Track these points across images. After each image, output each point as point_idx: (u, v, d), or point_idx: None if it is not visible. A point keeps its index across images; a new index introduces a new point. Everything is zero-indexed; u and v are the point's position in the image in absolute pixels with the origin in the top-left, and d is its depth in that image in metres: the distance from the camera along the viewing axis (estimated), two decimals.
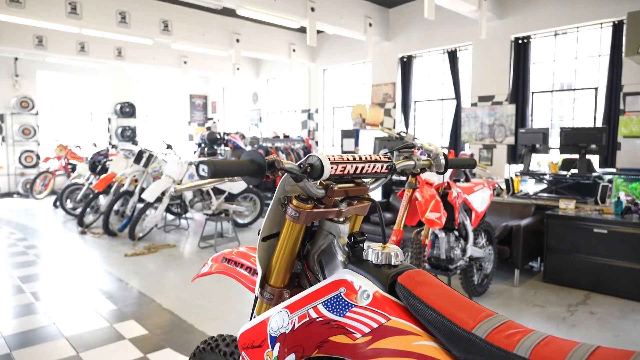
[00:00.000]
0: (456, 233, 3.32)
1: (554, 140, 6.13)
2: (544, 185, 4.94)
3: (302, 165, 0.92)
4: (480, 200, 3.44)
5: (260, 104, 11.35)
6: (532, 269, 4.56)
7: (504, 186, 4.99)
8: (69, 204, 7.31)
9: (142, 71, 11.33)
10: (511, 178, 4.83)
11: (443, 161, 1.17)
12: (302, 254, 1.10)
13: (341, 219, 1.05)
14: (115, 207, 6.08)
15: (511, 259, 3.98)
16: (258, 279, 1.11)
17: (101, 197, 6.50)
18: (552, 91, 6.54)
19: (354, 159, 0.98)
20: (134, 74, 11.40)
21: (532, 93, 6.59)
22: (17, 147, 9.86)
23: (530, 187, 5.33)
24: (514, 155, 6.65)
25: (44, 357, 2.60)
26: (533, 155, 5.01)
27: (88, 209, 6.31)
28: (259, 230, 1.07)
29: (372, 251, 0.92)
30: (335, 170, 0.94)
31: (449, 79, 7.43)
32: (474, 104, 7.05)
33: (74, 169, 8.86)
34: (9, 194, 9.81)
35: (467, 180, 5.04)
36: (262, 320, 1.01)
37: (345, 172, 0.97)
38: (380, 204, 5.55)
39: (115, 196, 5.85)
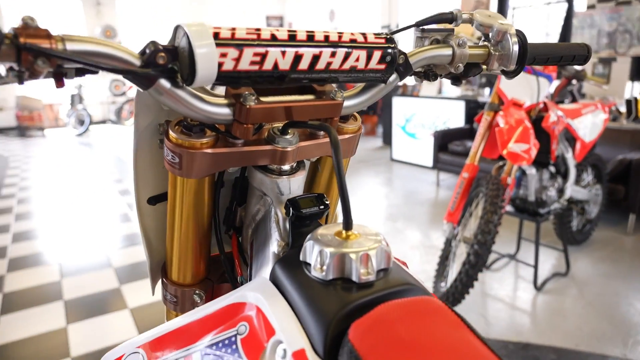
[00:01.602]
0: (552, 169, 2.60)
1: None
2: None
3: (148, 51, 0.41)
4: (589, 126, 2.64)
5: (337, 22, 10.55)
6: None
7: (623, 109, 3.97)
8: None
9: None
10: (634, 99, 3.82)
11: (516, 48, 0.58)
12: (232, 225, 0.64)
13: (285, 167, 0.55)
14: None
15: (626, 200, 3.17)
16: (148, 266, 0.68)
17: None
18: None
19: (295, 37, 0.45)
20: None
21: None
22: (106, 76, 10.25)
23: None
24: None
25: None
26: None
27: None
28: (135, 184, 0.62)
29: (315, 246, 0.42)
30: (238, 62, 0.42)
31: None
32: (590, 7, 5.68)
33: None
34: (103, 122, 10.41)
35: (573, 101, 4.07)
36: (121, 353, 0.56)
37: (271, 67, 0.44)
38: (461, 131, 4.80)
39: None
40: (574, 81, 2.97)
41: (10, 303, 2.41)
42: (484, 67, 0.58)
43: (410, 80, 4.42)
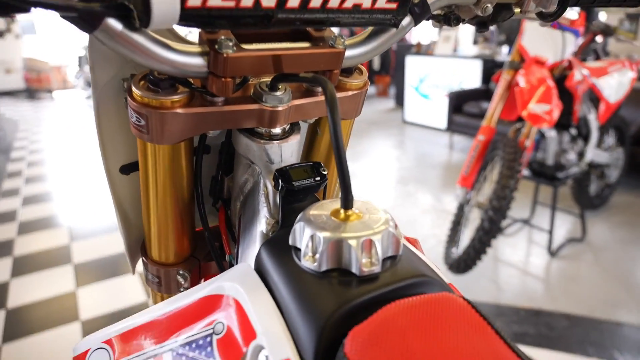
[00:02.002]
0: (573, 131, 2.47)
1: None
2: None
3: None
4: (615, 86, 2.48)
5: None
6: None
7: None
8: None
9: None
10: None
11: None
12: (220, 197, 0.57)
13: (276, 130, 0.47)
14: None
15: None
16: (125, 244, 0.62)
17: None
18: None
19: None
20: None
21: None
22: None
23: None
24: None
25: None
26: None
27: None
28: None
29: (306, 229, 0.35)
30: None
31: None
32: None
33: None
34: None
35: (597, 59, 3.86)
36: (91, 345, 0.49)
37: (251, 4, 0.34)
38: (477, 92, 4.62)
39: None
40: (598, 38, 2.78)
41: (20, 266, 2.42)
42: (517, 9, 0.48)
43: (425, 27, 4.20)
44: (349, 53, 0.45)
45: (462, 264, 2.11)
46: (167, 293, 0.60)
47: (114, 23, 0.33)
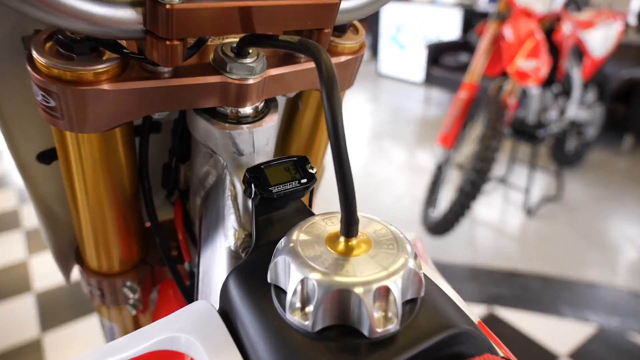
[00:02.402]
0: (556, 88, 2.37)
1: None
2: None
3: None
4: (602, 40, 2.37)
5: None
6: None
7: (633, 21, 3.66)
8: None
9: None
10: None
11: None
12: (175, 187, 0.47)
13: (245, 110, 0.35)
14: None
15: (625, 121, 3.02)
16: (51, 248, 0.51)
17: None
18: None
19: None
20: None
21: None
22: None
23: None
24: None
25: None
26: None
27: None
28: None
29: (292, 266, 0.24)
30: None
31: None
32: None
33: None
34: None
35: (578, 10, 3.73)
36: None
37: None
38: (455, 44, 4.45)
39: None
40: None
41: None
42: None
43: None
44: (344, 5, 0.33)
45: (441, 227, 2.07)
46: (114, 305, 0.50)
47: None
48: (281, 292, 0.26)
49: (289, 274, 0.24)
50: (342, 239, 0.26)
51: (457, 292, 0.31)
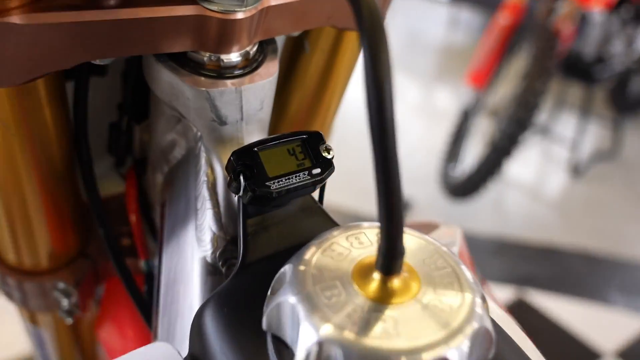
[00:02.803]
0: (624, 13, 2.04)
1: None
2: None
3: None
4: None
5: None
6: None
7: None
8: None
9: None
10: None
11: None
12: (125, 153, 0.39)
13: (231, 57, 0.26)
14: None
15: None
16: None
17: None
18: None
19: None
20: None
21: None
22: None
23: None
24: None
25: None
26: None
27: None
28: None
29: (304, 323, 0.16)
30: None
31: None
32: None
33: None
34: None
35: None
36: None
37: None
38: None
39: None
40: None
41: None
42: None
43: None
44: None
45: (464, 188, 1.89)
46: (42, 310, 0.44)
47: None
48: (283, 346, 0.19)
49: (297, 328, 0.18)
50: (377, 274, 0.19)
51: (481, 271, 0.27)
